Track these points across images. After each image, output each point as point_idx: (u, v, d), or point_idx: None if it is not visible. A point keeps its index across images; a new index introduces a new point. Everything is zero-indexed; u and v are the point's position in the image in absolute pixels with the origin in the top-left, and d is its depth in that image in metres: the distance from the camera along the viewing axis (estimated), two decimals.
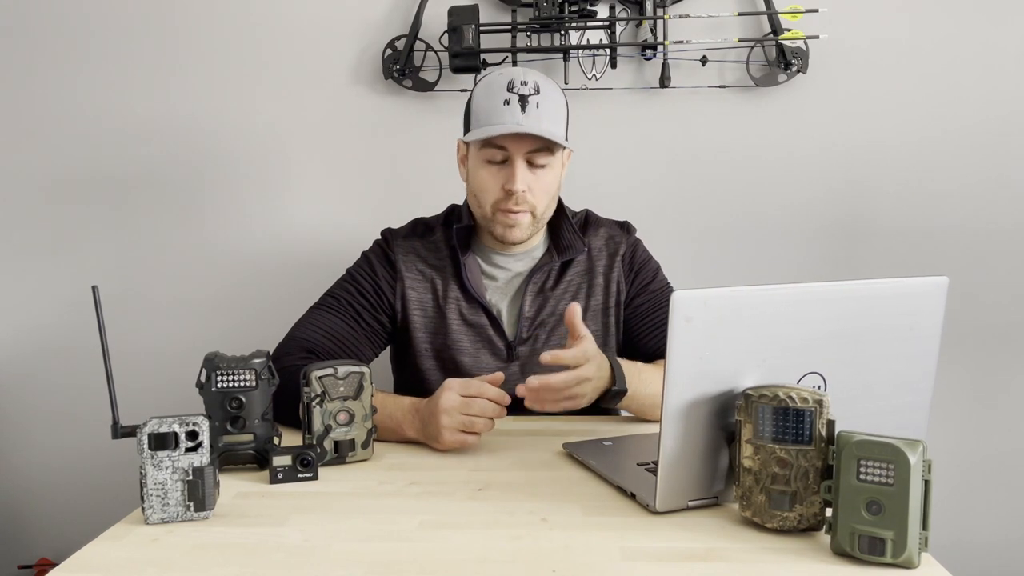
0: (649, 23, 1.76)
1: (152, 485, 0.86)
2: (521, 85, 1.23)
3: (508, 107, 1.22)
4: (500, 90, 1.24)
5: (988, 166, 1.80)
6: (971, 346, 1.83)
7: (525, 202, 1.26)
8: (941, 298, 0.92)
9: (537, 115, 1.22)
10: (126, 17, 1.85)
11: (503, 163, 1.26)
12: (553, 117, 1.24)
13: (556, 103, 1.26)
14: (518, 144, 1.23)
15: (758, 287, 0.85)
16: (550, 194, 1.29)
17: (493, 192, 1.27)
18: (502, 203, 1.26)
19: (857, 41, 1.78)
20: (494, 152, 1.25)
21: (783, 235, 1.83)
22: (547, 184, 1.27)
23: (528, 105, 1.22)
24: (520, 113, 1.22)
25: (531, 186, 1.25)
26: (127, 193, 1.89)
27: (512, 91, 1.23)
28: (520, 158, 1.24)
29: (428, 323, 1.34)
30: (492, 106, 1.24)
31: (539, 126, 1.22)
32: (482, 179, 1.28)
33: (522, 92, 1.23)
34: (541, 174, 1.26)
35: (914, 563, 0.75)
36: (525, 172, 1.24)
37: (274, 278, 1.88)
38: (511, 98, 1.22)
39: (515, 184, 1.23)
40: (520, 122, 1.21)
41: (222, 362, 1.01)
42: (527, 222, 1.28)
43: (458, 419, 1.07)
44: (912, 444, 0.74)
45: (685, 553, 0.79)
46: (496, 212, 1.27)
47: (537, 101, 1.22)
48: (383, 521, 0.88)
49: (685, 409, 0.84)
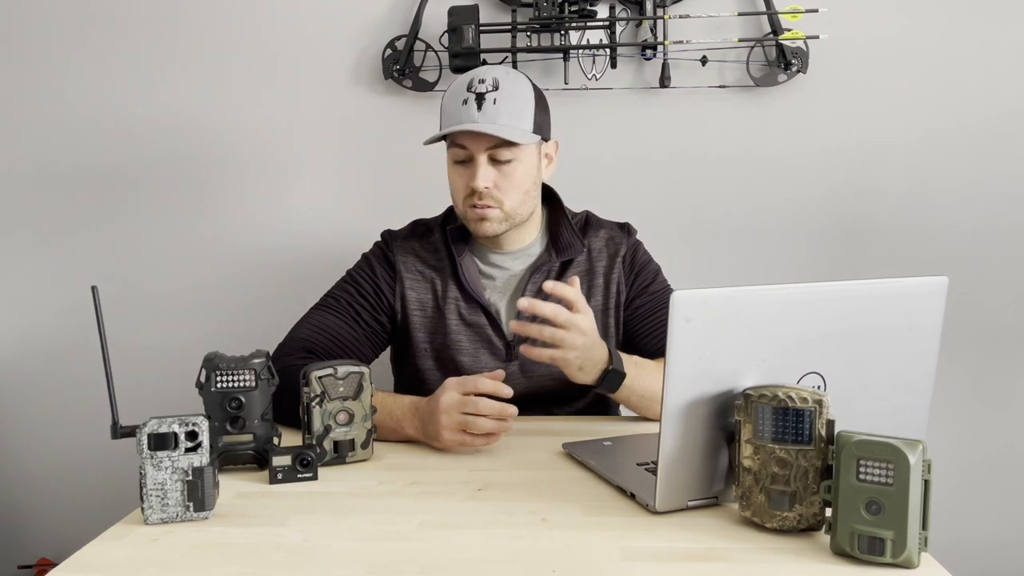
0: (649, 23, 1.76)
1: (152, 485, 0.86)
2: (479, 83, 1.24)
3: (465, 106, 1.23)
4: (460, 90, 1.25)
5: (988, 166, 1.80)
6: (971, 346, 1.83)
7: (491, 197, 1.26)
8: (941, 298, 0.92)
9: (494, 111, 1.22)
10: (126, 16, 1.85)
11: (468, 162, 1.26)
12: (513, 112, 1.24)
13: (517, 98, 1.25)
14: (476, 142, 1.24)
15: (758, 287, 0.85)
16: (522, 189, 1.28)
17: (461, 191, 1.28)
18: (469, 200, 1.27)
19: (857, 41, 1.78)
20: (457, 151, 1.26)
21: (783, 235, 1.83)
22: (516, 179, 1.27)
23: (484, 102, 1.22)
24: (476, 111, 1.22)
25: (497, 182, 1.25)
26: (127, 193, 1.89)
27: (470, 90, 1.24)
28: (481, 155, 1.24)
29: (427, 323, 1.34)
30: (453, 106, 1.25)
31: (494, 123, 1.22)
32: (452, 179, 1.30)
33: (479, 90, 1.23)
34: (507, 170, 1.26)
35: (914, 563, 0.75)
36: (488, 169, 1.25)
37: (274, 278, 1.88)
38: (468, 97, 1.23)
39: (476, 182, 1.24)
40: (475, 119, 1.22)
41: (222, 362, 1.01)
42: (497, 217, 1.28)
43: (457, 418, 1.07)
44: (912, 444, 0.74)
45: (685, 553, 0.79)
46: (467, 209, 1.28)
47: (495, 97, 1.23)
48: (383, 521, 0.88)
49: (685, 409, 0.84)
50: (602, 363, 1.11)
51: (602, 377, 1.12)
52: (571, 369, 1.09)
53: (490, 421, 1.06)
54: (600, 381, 1.12)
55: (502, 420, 1.06)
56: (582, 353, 1.08)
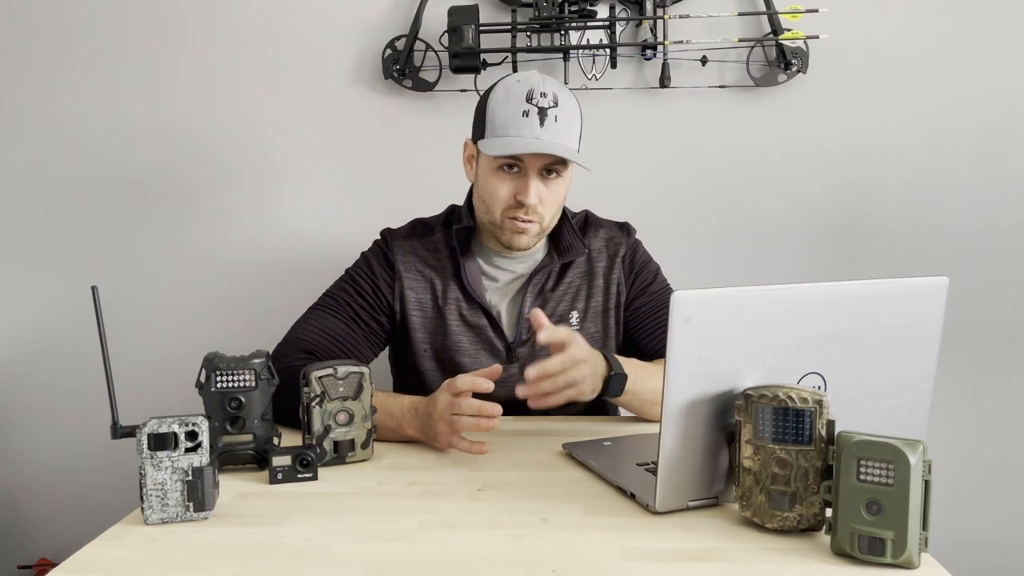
0: (649, 23, 1.76)
1: (152, 485, 0.86)
2: (541, 97, 1.22)
3: (527, 119, 1.21)
4: (519, 99, 1.22)
5: (988, 166, 1.80)
6: (971, 346, 1.83)
7: (535, 213, 1.25)
8: (941, 298, 0.91)
9: (555, 129, 1.21)
10: (124, 19, 1.85)
11: (515, 171, 1.25)
12: (569, 131, 1.24)
13: (573, 115, 1.25)
14: (535, 158, 1.22)
15: (758, 287, 0.85)
16: (559, 203, 1.29)
17: (504, 200, 1.26)
18: (512, 211, 1.26)
19: (857, 41, 1.78)
20: (507, 159, 1.24)
21: (783, 235, 1.83)
22: (557, 195, 1.28)
23: (547, 119, 1.21)
24: (539, 127, 1.21)
25: (543, 198, 1.25)
26: (127, 193, 1.89)
27: (531, 102, 1.21)
28: (535, 171, 1.23)
29: (427, 323, 1.34)
30: (510, 115, 1.22)
31: (557, 142, 1.21)
32: (493, 186, 1.27)
33: (541, 104, 1.21)
34: (553, 186, 1.26)
35: (914, 563, 0.75)
36: (538, 185, 1.24)
37: (274, 278, 1.88)
38: (530, 110, 1.21)
39: (528, 198, 1.23)
40: (539, 136, 1.21)
41: (222, 362, 1.01)
42: (535, 231, 1.28)
43: (449, 419, 1.06)
44: (912, 444, 0.74)
45: (685, 553, 0.79)
46: (505, 219, 1.27)
47: (556, 115, 1.21)
48: (383, 521, 0.88)
49: (685, 409, 0.84)
50: (603, 372, 1.12)
51: (606, 384, 1.12)
52: (585, 395, 1.09)
53: (471, 420, 1.05)
54: (605, 389, 1.12)
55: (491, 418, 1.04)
56: (590, 377, 1.09)
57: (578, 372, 1.06)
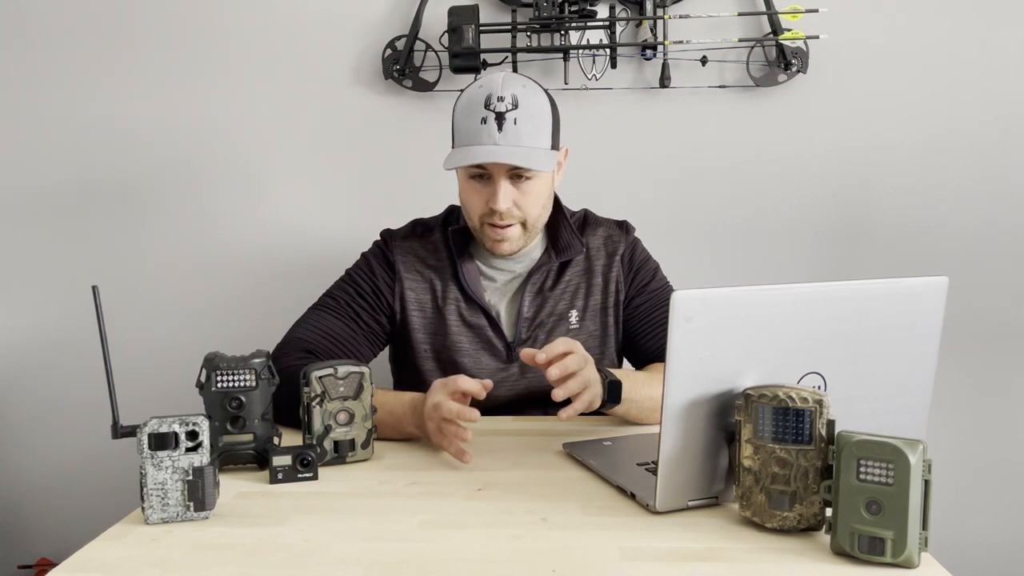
0: (649, 23, 1.76)
1: (152, 485, 0.86)
2: (498, 101, 1.20)
3: (485, 126, 1.20)
4: (478, 106, 1.21)
5: (988, 166, 1.80)
6: (971, 346, 1.83)
7: (512, 216, 1.25)
8: (941, 298, 0.92)
9: (515, 133, 1.20)
10: (125, 19, 1.85)
11: (484, 178, 1.24)
12: (533, 131, 1.21)
13: (536, 115, 1.22)
14: (497, 165, 1.21)
15: (758, 287, 0.85)
16: (540, 202, 1.28)
17: (478, 208, 1.26)
18: (488, 218, 1.26)
19: (857, 41, 1.78)
20: (473, 169, 1.24)
21: (783, 235, 1.83)
22: (536, 194, 1.26)
23: (505, 123, 1.19)
24: (496, 132, 1.19)
25: (517, 200, 1.24)
26: (127, 194, 1.89)
27: (489, 108, 1.20)
28: (502, 177, 1.22)
29: (427, 324, 1.34)
30: (470, 124, 1.21)
31: (517, 145, 1.20)
32: (467, 194, 1.28)
33: (499, 109, 1.20)
34: (527, 186, 1.24)
35: (914, 563, 0.75)
36: (508, 189, 1.23)
37: (273, 278, 1.88)
38: (488, 116, 1.20)
39: (497, 204, 1.22)
40: (497, 142, 1.19)
41: (222, 362, 1.01)
42: (516, 234, 1.27)
43: (436, 420, 1.06)
44: (912, 444, 0.74)
45: (685, 553, 0.79)
46: (484, 226, 1.27)
47: (515, 117, 1.20)
48: (383, 521, 0.88)
49: (685, 409, 0.84)
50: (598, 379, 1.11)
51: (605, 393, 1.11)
52: (596, 400, 1.09)
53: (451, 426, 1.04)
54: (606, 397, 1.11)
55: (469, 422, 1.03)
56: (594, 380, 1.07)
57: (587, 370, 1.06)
